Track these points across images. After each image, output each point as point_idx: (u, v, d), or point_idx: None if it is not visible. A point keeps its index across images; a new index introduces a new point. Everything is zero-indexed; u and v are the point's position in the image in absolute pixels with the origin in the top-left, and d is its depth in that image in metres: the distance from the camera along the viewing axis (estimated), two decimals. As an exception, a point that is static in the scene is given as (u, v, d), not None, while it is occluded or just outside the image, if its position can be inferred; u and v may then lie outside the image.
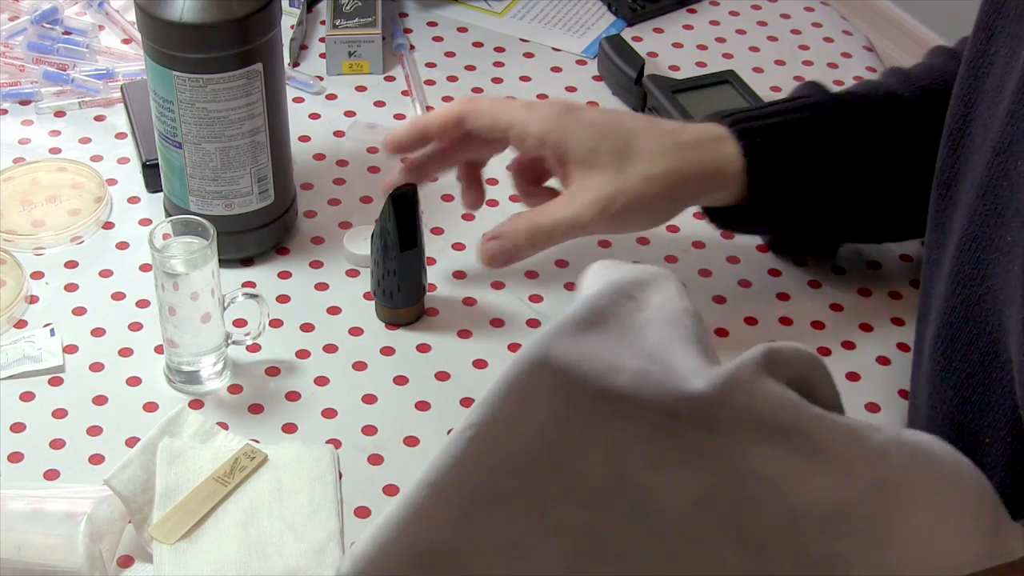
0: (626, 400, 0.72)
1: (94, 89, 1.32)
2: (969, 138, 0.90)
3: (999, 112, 0.86)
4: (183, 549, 0.94)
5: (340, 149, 1.28)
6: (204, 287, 1.03)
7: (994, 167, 0.86)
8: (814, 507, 0.74)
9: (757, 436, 0.72)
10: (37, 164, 1.25)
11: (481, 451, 0.74)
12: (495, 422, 0.73)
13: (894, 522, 0.74)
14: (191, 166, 1.12)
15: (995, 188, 0.86)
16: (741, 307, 1.14)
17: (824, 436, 0.73)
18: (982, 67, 0.89)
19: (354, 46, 1.35)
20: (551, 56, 1.39)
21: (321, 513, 0.97)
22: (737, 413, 0.72)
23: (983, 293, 0.87)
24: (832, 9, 1.46)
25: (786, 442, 0.73)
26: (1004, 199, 0.85)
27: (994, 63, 0.87)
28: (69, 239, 1.18)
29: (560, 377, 0.72)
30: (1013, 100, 0.84)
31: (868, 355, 1.11)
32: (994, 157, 0.86)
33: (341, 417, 1.05)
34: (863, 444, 0.74)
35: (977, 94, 0.89)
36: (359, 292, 1.15)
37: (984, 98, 0.88)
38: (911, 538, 0.75)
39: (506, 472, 0.75)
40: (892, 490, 0.74)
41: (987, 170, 0.86)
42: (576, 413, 0.73)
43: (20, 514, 0.94)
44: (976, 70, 0.89)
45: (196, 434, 1.01)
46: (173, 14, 1.06)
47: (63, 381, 1.07)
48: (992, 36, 0.88)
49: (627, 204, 1.04)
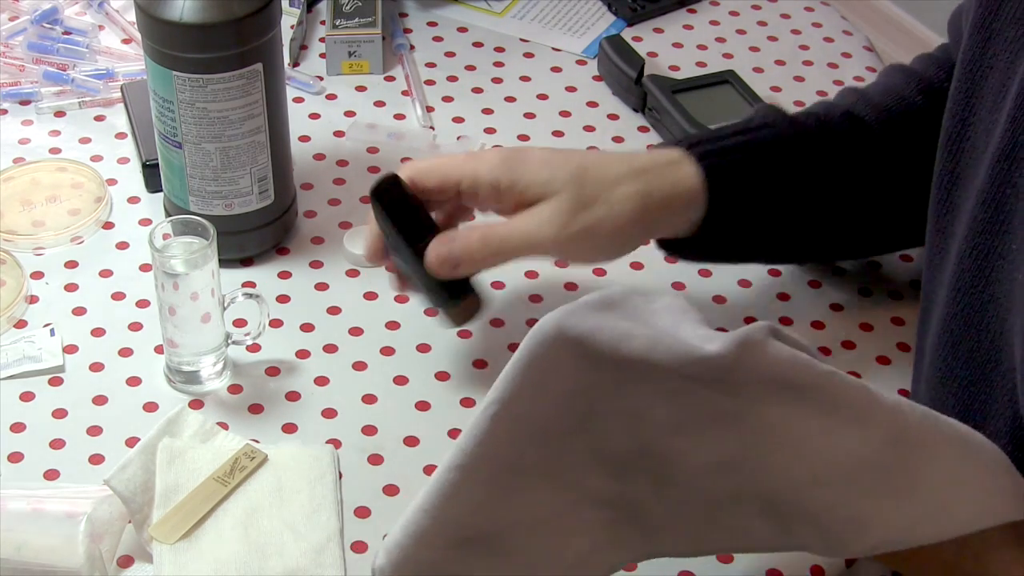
0: (641, 364, 0.73)
1: (94, 89, 1.32)
2: (969, 143, 0.89)
3: (1001, 117, 0.85)
4: (183, 549, 0.94)
5: (340, 149, 1.28)
6: (204, 287, 1.03)
7: (997, 174, 0.85)
8: (837, 463, 0.75)
9: (775, 396, 0.74)
10: (37, 164, 1.25)
11: (505, 427, 0.75)
12: (517, 397, 0.74)
13: (914, 472, 0.75)
14: (191, 166, 1.12)
15: (998, 196, 0.85)
16: (741, 307, 1.14)
17: (840, 392, 0.74)
18: (980, 71, 0.88)
19: (354, 46, 1.35)
20: (551, 56, 1.39)
21: (321, 513, 0.97)
22: (752, 374, 0.73)
23: (986, 300, 0.87)
24: (832, 9, 1.46)
25: (804, 400, 0.74)
26: (1008, 207, 0.84)
27: (993, 67, 0.87)
28: (69, 239, 1.18)
29: (576, 347, 0.73)
30: (1015, 106, 0.84)
31: (868, 355, 1.11)
32: (996, 164, 0.85)
33: (341, 417, 1.05)
34: (878, 400, 0.75)
35: (976, 99, 0.89)
36: (359, 292, 1.15)
37: (983, 103, 0.88)
38: (932, 490, 0.76)
39: (532, 445, 0.76)
40: (910, 442, 0.75)
41: (989, 177, 0.86)
42: (595, 379, 0.74)
43: (20, 514, 0.94)
44: (974, 74, 0.89)
45: (196, 434, 1.01)
46: (173, 14, 1.06)
47: (63, 381, 1.07)
48: (990, 39, 0.87)
49: (589, 225, 0.99)
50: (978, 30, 0.88)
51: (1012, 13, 0.85)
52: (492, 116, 1.32)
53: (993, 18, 0.87)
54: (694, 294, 1.15)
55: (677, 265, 1.16)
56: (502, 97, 1.34)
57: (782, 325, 1.11)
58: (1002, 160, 0.85)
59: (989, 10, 0.87)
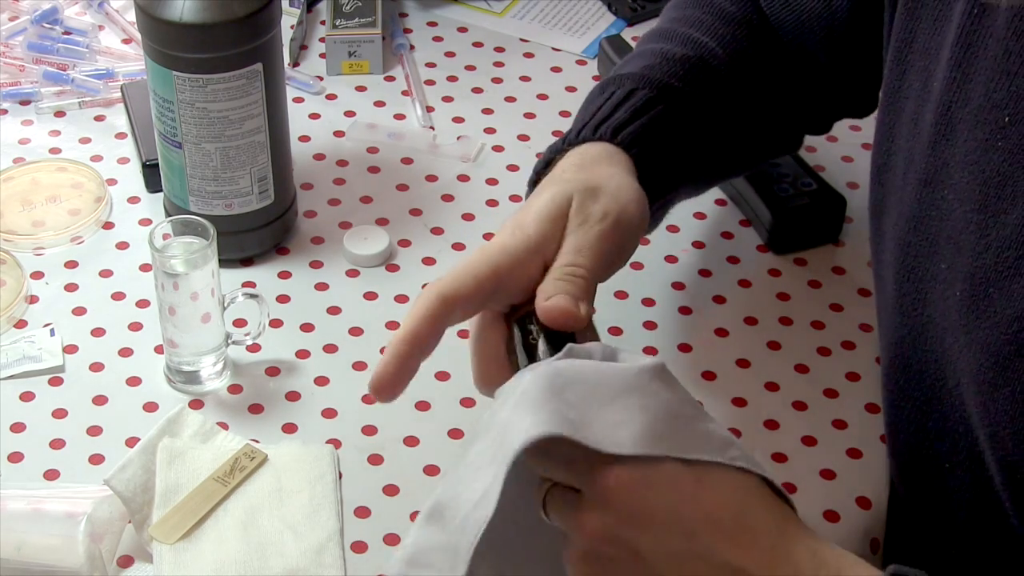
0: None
1: (94, 89, 1.32)
2: (891, 173, 0.91)
3: (919, 144, 0.87)
4: (183, 549, 0.94)
5: (340, 149, 1.28)
6: (204, 287, 1.03)
7: (923, 198, 0.87)
8: None
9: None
10: (37, 164, 1.25)
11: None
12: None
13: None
14: (191, 166, 1.12)
15: (924, 218, 0.87)
16: (741, 307, 1.14)
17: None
18: (897, 102, 0.90)
19: (354, 46, 1.35)
20: (551, 56, 1.39)
21: (321, 513, 0.97)
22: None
23: (925, 321, 0.88)
24: (832, 9, 1.46)
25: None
26: (934, 228, 0.86)
27: (908, 97, 0.89)
28: (69, 239, 1.18)
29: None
30: (933, 131, 0.85)
31: (868, 355, 1.11)
32: (922, 189, 0.87)
33: (341, 417, 1.05)
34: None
35: (896, 128, 0.90)
36: (359, 292, 1.15)
37: (902, 132, 0.89)
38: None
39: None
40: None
41: (916, 202, 0.87)
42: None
43: (20, 514, 0.94)
44: (893, 105, 0.90)
45: (196, 434, 1.01)
46: (173, 14, 1.06)
47: (63, 381, 1.07)
48: (905, 71, 0.89)
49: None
50: (895, 61, 0.90)
51: (922, 44, 0.87)
52: (492, 116, 1.32)
53: (908, 49, 0.88)
54: (695, 294, 1.15)
55: (677, 264, 1.17)
56: (502, 97, 1.34)
57: (783, 325, 1.12)
58: (926, 184, 0.86)
59: (903, 43, 0.89)
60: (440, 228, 1.20)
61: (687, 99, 1.01)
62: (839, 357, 1.11)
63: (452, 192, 1.23)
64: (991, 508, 0.85)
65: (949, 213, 0.85)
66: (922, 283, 0.88)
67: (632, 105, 0.98)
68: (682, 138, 1.00)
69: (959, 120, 0.84)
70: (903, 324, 0.91)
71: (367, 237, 1.18)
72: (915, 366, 0.90)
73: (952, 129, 0.84)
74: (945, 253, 0.85)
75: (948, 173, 0.84)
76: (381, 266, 1.17)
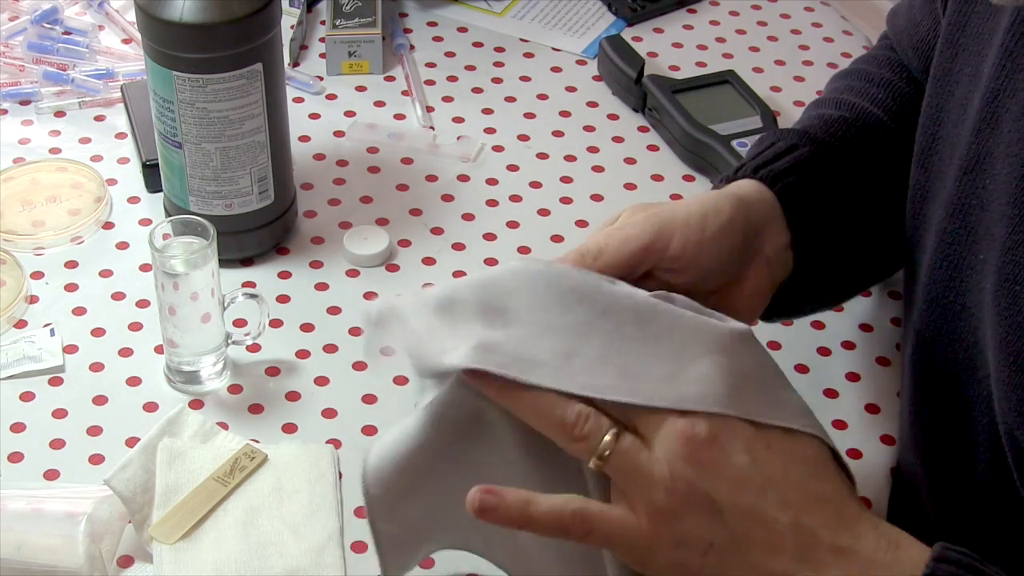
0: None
1: (94, 89, 1.32)
2: (937, 156, 0.90)
3: (964, 130, 0.86)
4: (183, 549, 0.94)
5: (340, 149, 1.28)
6: (204, 287, 1.03)
7: (962, 186, 0.86)
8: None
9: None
10: (37, 164, 1.25)
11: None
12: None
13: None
14: (191, 166, 1.12)
15: (964, 207, 0.86)
16: (741, 307, 1.14)
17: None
18: (947, 85, 0.89)
19: (354, 46, 1.35)
20: (551, 56, 1.39)
21: (321, 513, 0.97)
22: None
23: (958, 310, 0.87)
24: (832, 9, 1.46)
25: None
26: (974, 218, 0.85)
27: (959, 81, 0.88)
28: (69, 239, 1.18)
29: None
30: (978, 118, 0.84)
31: (868, 355, 1.11)
32: (962, 176, 0.86)
33: (341, 417, 1.05)
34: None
35: (944, 112, 0.89)
36: (359, 292, 1.15)
37: (950, 116, 0.89)
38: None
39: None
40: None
41: (956, 189, 0.86)
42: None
43: (20, 514, 0.94)
44: (943, 88, 0.90)
45: (196, 434, 1.01)
46: (173, 14, 1.06)
47: (63, 381, 1.07)
48: (956, 54, 0.88)
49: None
50: (947, 46, 0.89)
51: (976, 27, 0.86)
52: (492, 116, 1.32)
53: (960, 32, 0.87)
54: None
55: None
56: (502, 97, 1.34)
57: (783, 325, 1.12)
58: (967, 172, 0.85)
59: (957, 25, 0.88)
60: (440, 228, 1.20)
61: (837, 152, 0.97)
62: (839, 357, 1.11)
63: (452, 192, 1.23)
64: (1012, 493, 0.85)
65: (988, 203, 0.84)
66: (958, 271, 0.87)
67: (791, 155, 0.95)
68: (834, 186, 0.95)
69: (1005, 110, 0.83)
70: (931, 312, 0.90)
71: (367, 237, 1.18)
72: (941, 354, 0.90)
73: (997, 118, 0.83)
74: (983, 244, 0.84)
75: (991, 163, 0.83)
76: (381, 266, 1.17)
